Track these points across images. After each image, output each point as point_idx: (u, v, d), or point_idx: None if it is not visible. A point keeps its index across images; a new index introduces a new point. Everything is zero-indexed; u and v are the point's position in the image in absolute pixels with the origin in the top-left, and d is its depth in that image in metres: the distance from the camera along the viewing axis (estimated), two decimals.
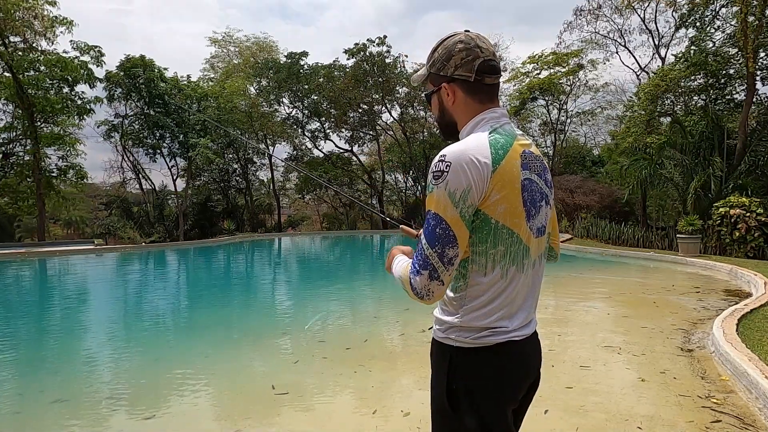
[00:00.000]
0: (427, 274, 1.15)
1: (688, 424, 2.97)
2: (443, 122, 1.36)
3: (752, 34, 12.54)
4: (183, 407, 3.60)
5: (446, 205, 1.14)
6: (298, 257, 18.47)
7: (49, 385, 4.14)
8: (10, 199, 23.51)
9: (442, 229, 1.14)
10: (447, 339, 1.26)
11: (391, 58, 27.77)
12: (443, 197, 1.14)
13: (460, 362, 1.24)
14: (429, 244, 1.15)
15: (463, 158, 1.14)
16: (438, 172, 1.15)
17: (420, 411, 3.24)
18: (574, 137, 31.59)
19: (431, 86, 1.34)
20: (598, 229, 17.57)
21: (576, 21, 24.36)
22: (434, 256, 1.15)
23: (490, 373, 1.23)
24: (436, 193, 1.15)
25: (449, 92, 1.29)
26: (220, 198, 28.88)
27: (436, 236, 1.15)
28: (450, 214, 1.14)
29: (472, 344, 1.23)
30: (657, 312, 6.26)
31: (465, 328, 1.23)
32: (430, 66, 1.32)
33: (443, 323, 1.28)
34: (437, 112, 1.36)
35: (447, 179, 1.14)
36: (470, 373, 1.23)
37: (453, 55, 1.27)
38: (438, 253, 1.14)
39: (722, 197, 12.76)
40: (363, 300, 8.69)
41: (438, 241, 1.14)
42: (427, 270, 1.15)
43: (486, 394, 1.22)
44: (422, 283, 1.16)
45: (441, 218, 1.14)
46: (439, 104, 1.33)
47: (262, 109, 28.78)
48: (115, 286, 11.08)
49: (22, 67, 19.31)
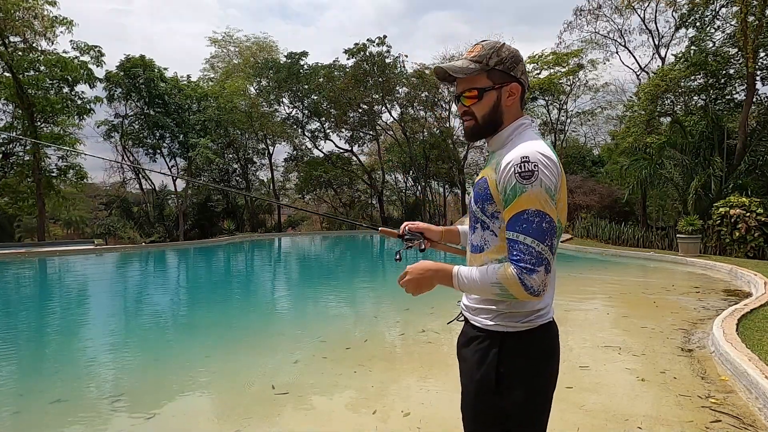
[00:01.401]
0: (544, 269, 1.21)
1: (688, 424, 2.97)
2: (490, 119, 1.38)
3: (752, 34, 12.54)
4: (183, 407, 3.60)
5: (546, 200, 1.22)
6: (298, 257, 18.47)
7: (49, 385, 4.14)
8: (10, 199, 23.50)
9: (548, 224, 1.22)
10: (497, 326, 1.34)
11: (391, 58, 27.76)
12: (542, 194, 1.22)
13: (512, 346, 1.32)
14: (539, 240, 1.20)
15: (547, 159, 1.24)
16: (528, 173, 1.22)
17: (420, 411, 3.24)
18: (574, 137, 31.60)
19: (487, 82, 1.36)
20: (598, 229, 17.57)
21: (576, 21, 24.35)
22: (547, 251, 1.21)
23: (538, 352, 1.34)
24: (533, 191, 1.21)
25: (513, 92, 1.37)
26: (220, 198, 28.88)
27: (544, 231, 1.21)
28: (550, 208, 1.23)
29: (521, 327, 1.32)
30: (657, 312, 6.26)
31: (515, 313, 1.32)
32: (497, 63, 1.35)
33: (491, 312, 1.35)
34: (487, 109, 1.37)
35: (540, 177, 1.21)
36: (521, 354, 1.32)
37: (520, 61, 1.38)
38: (549, 246, 1.22)
39: (722, 197, 12.75)
40: (363, 300, 8.69)
41: (547, 235, 1.21)
42: (542, 265, 1.21)
43: (535, 373, 1.33)
44: (540, 279, 1.21)
45: (545, 214, 1.21)
46: (495, 101, 1.37)
47: (262, 109, 28.78)
48: (115, 286, 11.07)
49: (22, 67, 19.32)
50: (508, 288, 1.24)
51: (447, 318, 1.46)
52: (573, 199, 20.83)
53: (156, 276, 12.98)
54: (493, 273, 1.26)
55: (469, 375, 1.38)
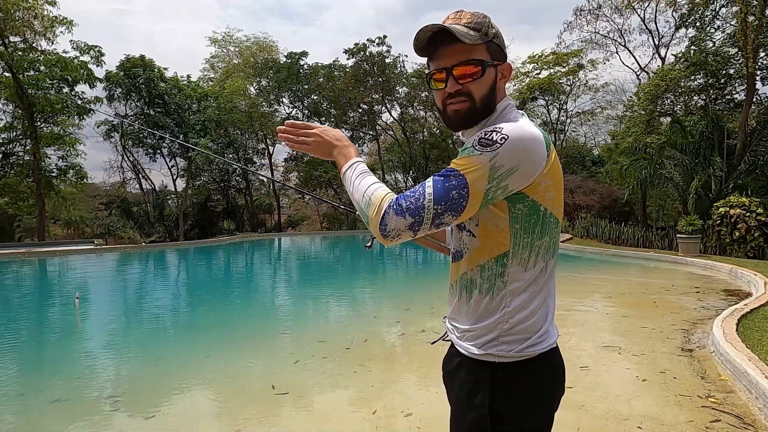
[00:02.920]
0: (411, 222, 1.01)
1: (688, 423, 2.97)
2: (487, 100, 1.15)
3: (752, 34, 12.54)
4: (183, 407, 3.60)
5: (480, 175, 1.01)
6: (298, 257, 18.47)
7: (49, 385, 4.14)
8: (10, 199, 23.51)
9: (459, 195, 1.01)
10: (486, 356, 1.12)
11: (391, 58, 27.80)
12: (483, 166, 1.00)
13: (503, 380, 1.11)
14: (434, 199, 1.01)
15: (524, 137, 1.03)
16: (489, 141, 1.02)
17: (420, 411, 3.24)
18: (574, 137, 31.64)
19: (487, 55, 1.14)
20: (598, 229, 17.57)
21: (576, 21, 24.40)
22: (430, 212, 1.01)
23: (534, 387, 1.13)
24: (477, 159, 1.01)
25: (505, 73, 1.18)
26: (220, 198, 28.89)
27: (448, 197, 1.01)
28: (478, 186, 1.01)
29: (515, 358, 1.11)
30: (657, 312, 6.26)
31: (506, 338, 1.11)
32: (494, 35, 1.15)
33: (478, 337, 1.14)
34: (486, 89, 1.14)
35: (498, 151, 1.00)
36: (514, 390, 1.11)
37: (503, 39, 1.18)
38: (436, 212, 1.01)
39: (722, 197, 12.76)
40: (363, 300, 8.69)
41: (445, 202, 1.01)
42: (413, 218, 1.01)
43: (532, 409, 1.12)
44: (398, 225, 1.01)
45: (465, 183, 1.01)
46: (494, 80, 1.15)
47: (262, 109, 28.80)
48: (115, 286, 11.08)
49: (22, 67, 19.33)
50: (369, 208, 1.05)
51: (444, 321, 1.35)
52: (573, 199, 20.84)
53: (156, 276, 12.98)
54: (373, 189, 1.08)
55: (460, 411, 1.17)
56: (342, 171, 1.18)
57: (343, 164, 1.19)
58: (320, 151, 1.24)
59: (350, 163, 1.18)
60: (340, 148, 1.22)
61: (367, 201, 1.07)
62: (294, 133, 1.26)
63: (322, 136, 1.23)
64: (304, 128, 1.26)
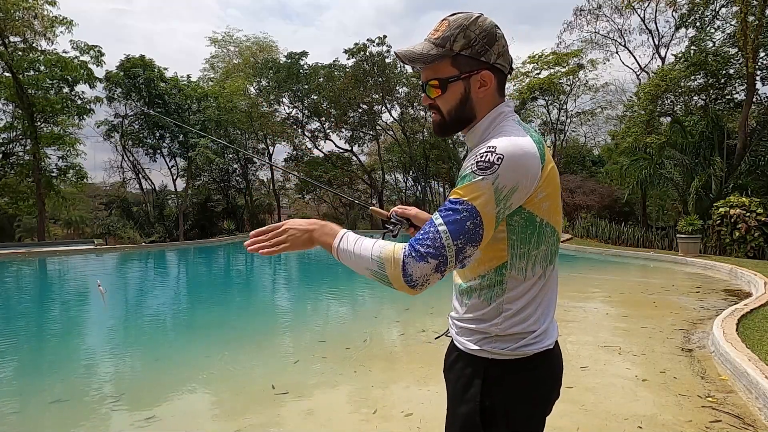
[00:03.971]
0: (435, 264, 0.99)
1: (688, 423, 2.97)
2: (460, 115, 1.16)
3: (752, 34, 12.54)
4: (183, 407, 3.60)
5: (488, 200, 1.00)
6: (299, 257, 18.46)
7: (49, 385, 4.14)
8: (10, 199, 23.51)
9: (474, 225, 1.00)
10: (481, 351, 1.15)
11: (391, 58, 27.78)
12: (488, 191, 1.00)
13: (497, 376, 1.13)
14: (452, 235, 0.99)
15: (517, 153, 1.02)
16: (486, 163, 1.01)
17: (420, 411, 3.24)
18: (574, 137, 31.65)
19: (452, 70, 1.13)
20: (598, 229, 17.57)
21: (576, 21, 24.41)
22: (452, 249, 0.99)
23: (527, 386, 1.14)
24: (480, 184, 1.00)
25: (485, 81, 1.13)
26: (220, 198, 28.89)
27: (465, 230, 0.99)
28: (488, 211, 1.00)
29: (509, 356, 1.13)
30: (657, 312, 6.26)
31: (502, 337, 1.13)
32: (463, 47, 1.11)
33: (475, 333, 1.16)
34: (454, 103, 1.15)
35: (497, 173, 1.00)
36: (507, 387, 1.13)
37: (496, 41, 1.13)
38: (458, 247, 1.00)
39: (722, 197, 12.76)
40: (363, 300, 8.69)
41: (463, 236, 0.99)
42: (437, 260, 0.99)
43: (524, 409, 1.14)
44: (424, 271, 0.99)
45: (477, 212, 1.00)
46: (463, 93, 1.14)
47: (262, 109, 28.80)
48: (115, 286, 11.07)
49: (22, 67, 19.33)
50: (385, 267, 1.02)
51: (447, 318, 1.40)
52: (573, 199, 20.85)
53: (156, 276, 12.98)
54: (379, 247, 1.05)
55: (453, 404, 1.21)
56: (335, 248, 1.13)
57: (332, 241, 1.13)
58: (300, 242, 1.16)
59: (340, 236, 1.13)
60: (320, 229, 1.16)
61: (379, 261, 1.04)
62: (265, 239, 1.18)
63: (295, 227, 1.17)
64: (273, 230, 1.19)
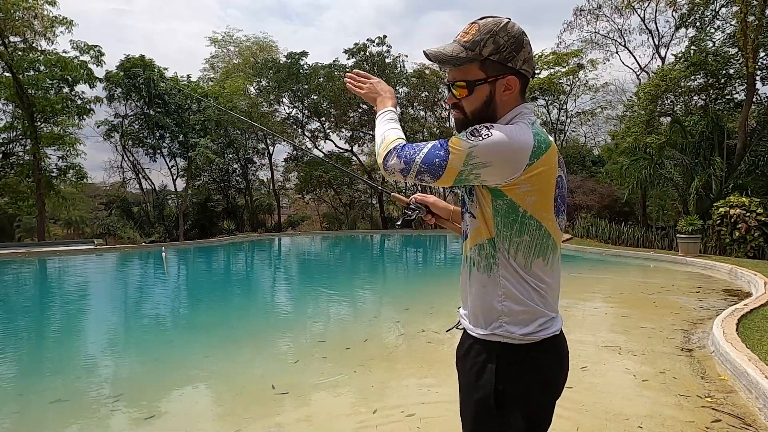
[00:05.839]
0: (402, 167, 1.21)
1: (688, 423, 2.97)
2: (481, 115, 1.24)
3: (752, 34, 12.53)
4: (183, 407, 3.60)
5: (459, 156, 1.14)
6: (298, 257, 18.46)
7: (49, 385, 4.14)
8: (10, 199, 23.48)
9: (440, 164, 1.17)
10: (493, 336, 1.22)
11: (391, 58, 27.78)
12: (463, 151, 1.14)
13: (509, 361, 1.20)
14: (423, 159, 1.19)
15: (504, 141, 1.12)
16: (477, 132, 1.14)
17: (420, 411, 3.24)
18: (574, 137, 31.60)
19: (480, 74, 1.21)
20: (598, 229, 17.57)
21: (576, 21, 24.34)
22: (416, 167, 1.19)
23: (539, 370, 1.21)
24: (462, 143, 1.15)
25: (509, 85, 1.22)
26: (220, 198, 28.87)
27: (432, 162, 1.17)
28: (454, 164, 1.15)
29: (520, 340, 1.20)
30: (657, 312, 6.26)
31: (509, 320, 1.21)
32: (492, 52, 1.19)
33: (487, 319, 1.24)
34: (478, 104, 1.24)
35: (477, 144, 1.13)
36: (519, 371, 1.20)
37: (523, 47, 1.21)
38: (420, 169, 1.19)
39: (722, 197, 12.76)
40: (363, 300, 8.69)
41: (429, 165, 1.18)
42: (405, 165, 1.21)
43: (536, 392, 1.21)
44: (394, 165, 1.22)
45: (447, 158, 1.16)
46: (488, 96, 1.23)
47: (262, 109, 28.77)
48: (115, 286, 11.07)
49: (22, 67, 19.30)
50: (382, 144, 1.29)
51: (447, 318, 1.43)
52: (573, 199, 20.84)
53: (156, 276, 12.97)
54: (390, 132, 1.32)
55: (467, 392, 1.27)
56: (377, 114, 1.45)
57: (379, 109, 1.46)
58: (369, 97, 1.53)
59: (384, 110, 1.44)
60: (383, 98, 1.49)
61: (382, 139, 1.31)
62: (357, 79, 1.58)
63: (374, 86, 1.53)
64: (365, 78, 1.56)
